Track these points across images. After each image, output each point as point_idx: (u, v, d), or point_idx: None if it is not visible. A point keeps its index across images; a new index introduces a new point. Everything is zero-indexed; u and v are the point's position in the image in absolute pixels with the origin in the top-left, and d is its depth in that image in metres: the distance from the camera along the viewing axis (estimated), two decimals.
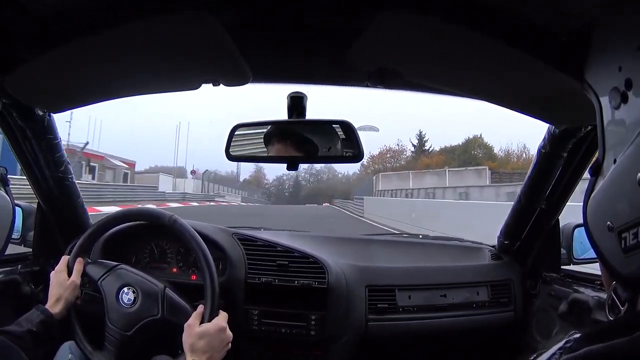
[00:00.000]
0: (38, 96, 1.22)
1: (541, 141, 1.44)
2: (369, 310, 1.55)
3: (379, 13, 0.84)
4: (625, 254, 0.50)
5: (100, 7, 0.87)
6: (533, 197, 1.55)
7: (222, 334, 1.22)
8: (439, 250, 1.84)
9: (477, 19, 0.84)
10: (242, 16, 0.95)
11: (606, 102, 0.55)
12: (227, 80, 1.20)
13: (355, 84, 1.35)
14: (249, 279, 1.52)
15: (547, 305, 1.59)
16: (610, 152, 0.53)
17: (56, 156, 1.49)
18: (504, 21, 0.85)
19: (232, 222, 1.92)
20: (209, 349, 1.18)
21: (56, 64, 0.99)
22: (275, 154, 1.33)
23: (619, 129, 0.53)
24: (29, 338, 1.15)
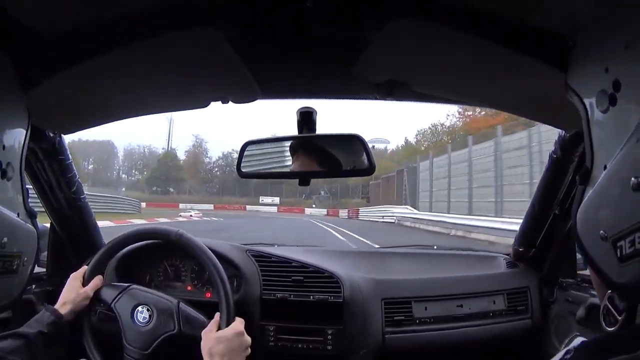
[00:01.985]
0: (49, 118, 1.23)
1: (553, 146, 1.43)
2: (386, 323, 1.54)
3: (385, 24, 0.84)
4: (621, 264, 0.48)
5: (109, 29, 0.88)
6: (546, 203, 1.54)
7: (240, 337, 1.21)
8: (453, 260, 1.83)
9: (484, 27, 0.84)
10: (250, 33, 0.95)
11: (592, 106, 0.53)
12: (235, 97, 1.20)
13: (363, 97, 1.36)
14: (264, 295, 1.52)
15: (565, 311, 1.57)
16: (600, 158, 0.51)
17: (68, 177, 1.50)
18: (511, 28, 0.85)
19: None
20: (228, 352, 1.17)
21: (67, 86, 1.00)
22: (298, 169, 1.32)
23: (608, 134, 0.51)
24: (40, 339, 1.15)
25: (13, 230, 0.61)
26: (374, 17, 0.87)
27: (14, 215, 0.63)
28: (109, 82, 1.04)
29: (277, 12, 0.92)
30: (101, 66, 0.94)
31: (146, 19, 0.87)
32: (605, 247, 0.48)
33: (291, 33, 0.99)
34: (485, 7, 0.82)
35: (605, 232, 0.48)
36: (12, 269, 0.61)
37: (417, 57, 0.98)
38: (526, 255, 1.69)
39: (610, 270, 0.49)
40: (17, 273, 0.62)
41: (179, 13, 0.87)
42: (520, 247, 1.70)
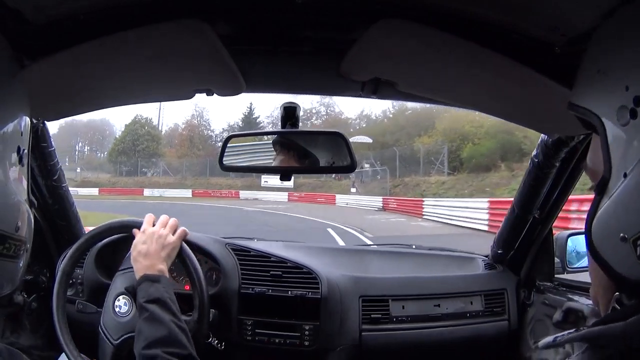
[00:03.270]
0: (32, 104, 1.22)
1: (534, 150, 1.45)
2: (363, 321, 1.55)
3: (373, 24, 0.85)
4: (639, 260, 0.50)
5: (95, 17, 0.87)
6: (526, 206, 1.55)
7: (160, 237, 1.27)
8: (432, 260, 1.85)
9: (469, 29, 0.84)
10: (236, 27, 0.95)
11: (611, 121, 0.53)
12: (220, 90, 1.20)
13: (348, 94, 1.36)
14: (242, 289, 1.52)
15: (541, 314, 1.59)
16: (619, 167, 0.52)
17: (50, 164, 1.49)
18: (496, 31, 0.85)
19: None
20: (147, 254, 1.23)
21: (50, 73, 0.98)
22: (278, 164, 1.33)
23: (629, 144, 0.52)
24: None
25: (23, 216, 0.62)
26: (363, 16, 0.87)
27: (24, 201, 0.63)
28: (93, 70, 1.03)
29: (266, 7, 0.91)
30: (86, 54, 0.93)
31: (132, 9, 0.87)
32: (625, 248, 0.50)
33: (279, 28, 0.99)
34: (472, 11, 0.83)
35: (626, 234, 0.50)
36: (19, 255, 0.62)
37: (404, 58, 0.99)
38: (505, 258, 1.71)
39: (628, 269, 0.51)
40: (22, 259, 0.63)
41: (167, 4, 0.86)
42: (499, 250, 1.72)
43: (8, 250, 0.58)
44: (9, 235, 0.57)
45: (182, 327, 1.05)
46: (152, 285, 1.13)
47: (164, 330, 1.01)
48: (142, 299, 1.10)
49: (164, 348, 0.95)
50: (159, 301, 1.09)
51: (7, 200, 0.58)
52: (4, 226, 0.57)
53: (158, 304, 1.08)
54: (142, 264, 1.21)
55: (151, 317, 1.05)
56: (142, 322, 1.05)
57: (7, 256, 0.58)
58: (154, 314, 1.05)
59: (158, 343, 0.97)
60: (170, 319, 1.05)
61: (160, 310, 1.06)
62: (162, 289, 1.14)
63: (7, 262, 0.59)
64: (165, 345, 0.96)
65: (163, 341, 0.98)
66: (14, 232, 0.58)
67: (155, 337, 0.99)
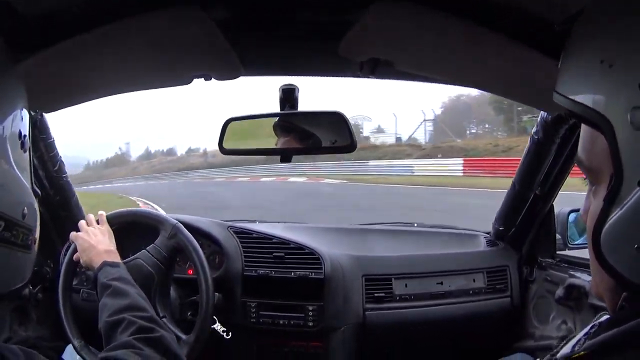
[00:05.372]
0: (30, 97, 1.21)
1: (534, 127, 1.45)
2: (366, 300, 1.56)
3: (370, 4, 0.84)
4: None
5: (90, 6, 0.87)
6: (527, 183, 1.55)
7: (93, 232, 1.34)
8: (434, 238, 1.85)
9: (466, 8, 0.84)
10: (232, 10, 0.94)
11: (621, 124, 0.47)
12: (218, 74, 1.20)
13: (347, 75, 1.35)
14: (245, 271, 1.53)
15: (543, 290, 1.60)
16: (633, 175, 0.47)
17: (50, 155, 1.50)
18: (493, 9, 0.85)
19: None
20: (87, 247, 1.29)
21: (48, 64, 0.98)
22: (280, 146, 1.34)
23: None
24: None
25: (30, 203, 0.60)
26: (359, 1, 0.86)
27: (29, 189, 0.63)
28: (90, 61, 1.03)
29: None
30: (83, 44, 0.92)
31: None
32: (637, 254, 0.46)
33: (275, 12, 0.99)
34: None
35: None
36: (27, 244, 0.60)
37: (402, 37, 0.98)
38: (506, 235, 1.71)
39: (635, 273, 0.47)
40: (30, 250, 0.62)
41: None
42: (501, 227, 1.72)
43: (16, 238, 0.57)
44: (16, 222, 0.56)
45: (144, 297, 1.09)
46: (112, 268, 1.18)
47: (126, 299, 1.04)
48: (104, 279, 1.13)
49: (128, 313, 0.96)
50: (120, 279, 1.13)
51: (12, 186, 0.57)
52: (11, 212, 0.56)
53: (120, 281, 1.12)
54: (91, 255, 1.27)
55: (114, 291, 1.08)
56: (105, 297, 1.07)
57: (16, 245, 0.57)
58: (117, 288, 1.08)
59: (122, 310, 0.99)
60: (133, 290, 1.09)
61: (123, 285, 1.10)
62: (122, 270, 1.19)
63: (17, 251, 0.58)
64: (129, 310, 0.98)
65: (126, 307, 1.00)
66: (20, 219, 0.57)
67: (119, 306, 1.01)
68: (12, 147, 0.58)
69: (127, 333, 0.88)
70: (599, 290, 0.55)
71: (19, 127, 0.61)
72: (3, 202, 0.54)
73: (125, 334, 0.88)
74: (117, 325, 0.93)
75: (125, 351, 0.81)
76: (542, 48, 0.86)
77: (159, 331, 0.90)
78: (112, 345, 0.86)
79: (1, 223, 0.53)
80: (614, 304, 0.52)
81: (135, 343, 0.83)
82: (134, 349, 0.82)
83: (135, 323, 0.91)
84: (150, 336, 0.87)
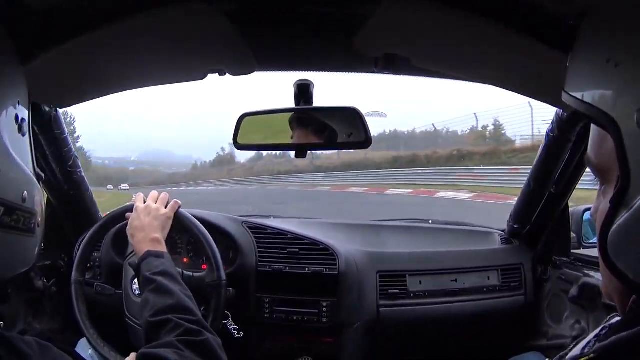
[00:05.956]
0: (44, 92, 1.22)
1: (549, 125, 1.43)
2: (380, 296, 1.56)
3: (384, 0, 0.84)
4: None
5: (104, 3, 0.87)
6: (542, 181, 1.54)
7: (149, 211, 1.28)
8: (449, 235, 1.84)
9: (482, 3, 0.83)
10: (245, 5, 0.94)
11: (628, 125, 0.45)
12: (232, 69, 1.20)
13: (362, 70, 1.35)
14: (259, 267, 1.53)
15: (557, 289, 1.59)
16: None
17: (64, 150, 1.50)
18: (508, 4, 0.84)
19: None
20: (141, 227, 1.24)
21: (62, 60, 0.98)
22: (295, 141, 1.33)
23: None
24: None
25: (30, 186, 0.59)
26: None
27: (30, 173, 0.62)
28: (105, 55, 1.03)
29: None
30: (97, 40, 0.93)
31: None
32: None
33: (288, 6, 0.98)
34: None
35: None
36: (30, 228, 0.59)
37: (417, 33, 0.98)
38: (521, 232, 1.70)
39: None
40: (34, 234, 0.61)
41: None
42: (515, 224, 1.71)
43: (17, 223, 0.55)
44: (16, 206, 0.55)
45: (188, 295, 1.05)
46: (156, 259, 1.14)
47: (172, 298, 1.00)
48: (147, 272, 1.10)
49: (173, 314, 0.94)
50: (165, 273, 1.09)
51: (9, 171, 0.55)
52: (10, 196, 0.55)
53: (164, 276, 1.08)
54: (137, 237, 1.22)
55: (158, 288, 1.04)
56: (148, 293, 1.04)
57: (18, 229, 0.56)
58: (161, 285, 1.05)
59: (167, 310, 0.96)
60: (178, 288, 1.05)
61: (167, 281, 1.06)
62: (167, 263, 1.14)
63: (20, 236, 0.57)
64: (175, 311, 0.95)
65: (172, 308, 0.97)
66: (21, 202, 0.56)
67: (164, 305, 0.98)
68: (8, 132, 0.57)
69: (173, 335, 0.87)
70: (608, 291, 0.54)
71: (16, 112, 0.60)
72: (1, 187, 0.53)
73: (170, 336, 0.87)
74: (162, 327, 0.91)
75: (166, 350, 0.80)
76: (557, 44, 0.85)
77: (205, 335, 0.89)
78: (154, 343, 0.86)
79: (1, 208, 0.53)
80: (624, 305, 0.51)
81: (177, 344, 0.83)
82: (176, 349, 0.81)
83: (182, 326, 0.89)
84: (195, 339, 0.86)
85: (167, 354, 0.78)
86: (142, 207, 1.29)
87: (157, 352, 0.80)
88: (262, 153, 47.15)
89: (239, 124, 1.34)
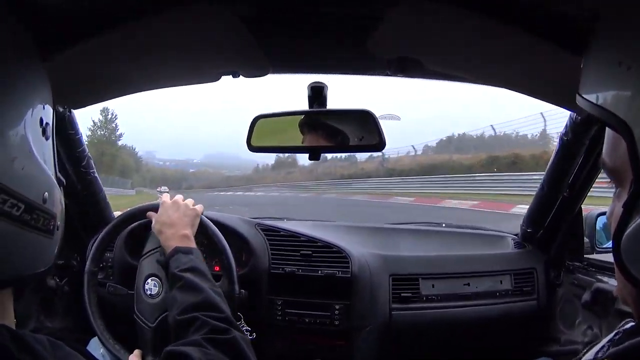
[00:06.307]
0: (59, 93, 1.23)
1: (563, 128, 1.43)
2: (393, 300, 1.55)
3: (399, 2, 0.84)
4: None
5: (119, 4, 0.88)
6: (555, 185, 1.53)
7: (178, 207, 1.28)
8: (462, 238, 1.84)
9: (497, 6, 0.83)
10: (259, 7, 0.95)
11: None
12: (246, 71, 1.20)
13: (375, 73, 1.35)
14: (272, 269, 1.53)
15: (570, 294, 1.58)
16: None
17: (78, 151, 1.51)
18: (522, 7, 0.84)
19: None
20: (171, 223, 1.23)
21: (76, 61, 0.99)
22: (307, 144, 1.33)
23: None
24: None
25: (51, 189, 0.59)
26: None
27: (51, 176, 0.63)
28: (117, 58, 1.03)
29: None
30: (112, 41, 0.93)
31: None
32: None
33: (303, 8, 0.99)
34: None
35: None
36: (49, 230, 0.59)
37: (431, 36, 0.98)
38: (534, 237, 1.69)
39: None
40: (52, 236, 0.61)
41: None
42: (529, 228, 1.70)
43: (37, 222, 0.55)
44: (36, 205, 0.55)
45: (217, 291, 1.04)
46: (185, 256, 1.13)
47: (199, 295, 1.00)
48: (175, 269, 1.09)
49: (201, 312, 0.93)
50: (193, 270, 1.08)
51: (31, 171, 0.56)
52: (31, 195, 0.55)
53: (192, 272, 1.07)
54: (167, 234, 1.21)
55: (186, 285, 1.04)
56: (176, 290, 1.04)
57: (37, 228, 0.56)
58: (189, 282, 1.04)
59: (194, 307, 0.95)
60: (207, 285, 1.04)
61: (195, 278, 1.05)
62: (196, 259, 1.13)
63: (39, 235, 0.56)
64: (202, 309, 0.94)
65: (199, 306, 0.96)
66: (41, 202, 0.56)
67: (191, 302, 0.97)
68: (32, 134, 0.57)
69: (199, 333, 0.87)
70: (623, 294, 0.53)
71: (40, 114, 0.60)
72: (22, 184, 0.53)
73: (197, 334, 0.87)
74: (189, 325, 0.91)
75: (191, 348, 0.80)
76: (572, 46, 0.85)
77: (232, 332, 0.88)
78: (180, 342, 0.85)
79: (21, 205, 0.53)
80: (638, 310, 0.51)
81: (203, 342, 0.82)
82: (201, 347, 0.81)
83: (208, 324, 0.89)
84: (222, 337, 0.85)
85: (192, 352, 0.78)
86: (170, 203, 1.29)
87: (182, 350, 0.79)
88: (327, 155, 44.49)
89: (253, 125, 1.35)
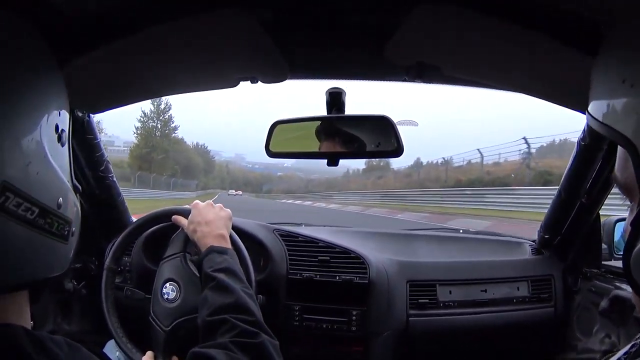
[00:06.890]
0: (77, 98, 1.24)
1: (581, 133, 1.42)
2: (410, 306, 1.55)
3: (415, 7, 0.84)
4: None
5: (138, 9, 0.89)
6: (573, 190, 1.52)
7: (212, 208, 1.28)
8: (479, 245, 1.83)
9: (514, 10, 0.83)
10: (278, 13, 0.95)
11: None
12: (264, 77, 1.21)
13: (393, 79, 1.35)
14: (290, 274, 1.53)
15: (588, 301, 1.57)
16: None
17: (96, 156, 1.53)
18: (541, 11, 0.84)
19: None
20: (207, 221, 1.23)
21: (96, 66, 1.00)
22: (324, 150, 1.34)
23: None
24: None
25: (66, 195, 0.60)
26: (404, 2, 0.86)
27: (66, 182, 0.63)
28: (136, 62, 1.05)
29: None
30: (130, 46, 0.94)
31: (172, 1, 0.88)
32: None
33: (322, 15, 0.99)
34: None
35: None
36: (64, 235, 0.59)
37: (448, 41, 0.98)
38: (551, 243, 1.68)
39: None
40: (67, 241, 0.61)
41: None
42: (546, 235, 1.69)
43: (51, 227, 0.56)
44: (50, 210, 0.56)
45: (249, 293, 1.02)
46: (219, 256, 1.12)
47: (231, 297, 0.98)
48: (208, 269, 1.07)
49: (231, 314, 0.92)
50: (227, 270, 1.07)
51: (46, 176, 0.56)
52: (45, 199, 0.55)
53: (226, 273, 1.06)
54: (202, 231, 1.20)
55: (218, 285, 1.02)
56: (208, 290, 1.02)
57: (52, 233, 0.56)
58: (222, 282, 1.02)
59: (225, 309, 0.94)
60: (240, 286, 1.02)
61: (228, 279, 1.04)
62: (230, 259, 1.12)
63: (53, 239, 0.57)
64: (233, 311, 0.93)
65: (230, 307, 0.94)
66: (55, 208, 0.56)
67: (222, 304, 0.96)
68: (48, 140, 0.58)
69: (228, 336, 0.86)
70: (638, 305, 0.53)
71: (56, 121, 0.60)
72: (36, 189, 0.54)
73: (225, 337, 0.86)
74: (218, 327, 0.90)
75: (217, 350, 0.79)
76: (589, 51, 0.84)
77: (261, 337, 0.86)
78: (207, 344, 0.84)
79: (35, 209, 0.53)
80: None
81: (230, 345, 0.81)
82: (227, 350, 0.80)
83: (238, 327, 0.88)
84: (249, 341, 0.84)
85: (218, 355, 0.77)
86: (204, 205, 1.29)
87: (207, 352, 0.79)
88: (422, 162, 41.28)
89: (272, 131, 1.36)
